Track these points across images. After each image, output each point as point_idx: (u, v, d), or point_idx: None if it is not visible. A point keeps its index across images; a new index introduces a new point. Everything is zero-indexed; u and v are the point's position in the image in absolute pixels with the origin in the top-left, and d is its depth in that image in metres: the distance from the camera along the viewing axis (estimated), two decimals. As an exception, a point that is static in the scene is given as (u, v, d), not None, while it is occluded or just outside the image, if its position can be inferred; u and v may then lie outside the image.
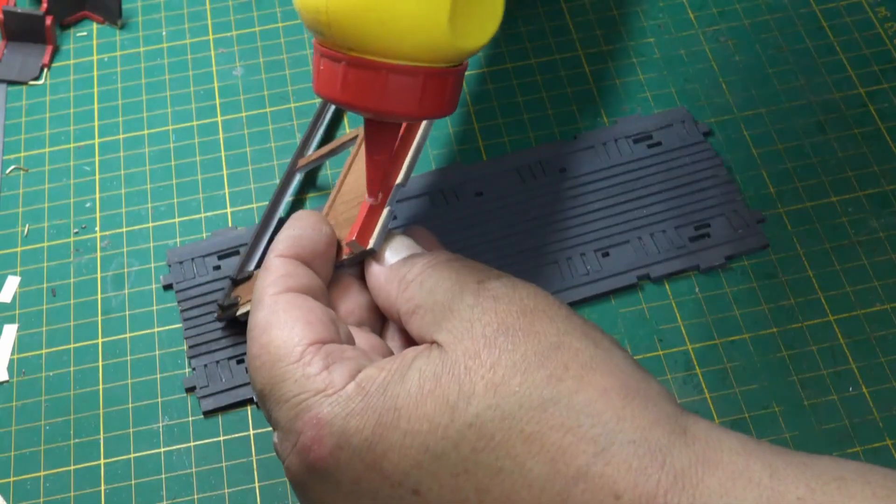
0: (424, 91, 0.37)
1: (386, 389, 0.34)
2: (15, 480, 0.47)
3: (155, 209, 0.54)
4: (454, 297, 0.36)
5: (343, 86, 0.36)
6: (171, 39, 0.61)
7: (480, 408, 0.33)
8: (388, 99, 0.36)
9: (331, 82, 0.37)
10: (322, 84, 0.37)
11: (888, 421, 0.46)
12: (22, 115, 0.58)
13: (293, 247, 0.40)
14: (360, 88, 0.36)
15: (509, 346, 0.34)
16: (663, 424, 0.33)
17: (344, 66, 0.36)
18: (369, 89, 0.36)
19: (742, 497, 0.31)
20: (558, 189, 0.53)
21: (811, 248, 0.51)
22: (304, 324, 0.37)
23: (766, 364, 0.48)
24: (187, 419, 0.48)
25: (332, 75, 0.37)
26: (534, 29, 0.60)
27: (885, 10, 0.59)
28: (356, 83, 0.36)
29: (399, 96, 0.36)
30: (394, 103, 0.37)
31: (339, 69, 0.36)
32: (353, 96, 0.37)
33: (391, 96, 0.36)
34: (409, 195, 0.53)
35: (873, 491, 0.31)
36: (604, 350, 0.35)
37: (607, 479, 0.32)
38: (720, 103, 0.56)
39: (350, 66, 0.36)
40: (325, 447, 0.35)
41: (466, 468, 0.33)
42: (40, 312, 0.51)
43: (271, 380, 0.36)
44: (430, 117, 0.38)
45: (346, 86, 0.36)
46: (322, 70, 0.37)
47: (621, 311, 0.50)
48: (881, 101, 0.56)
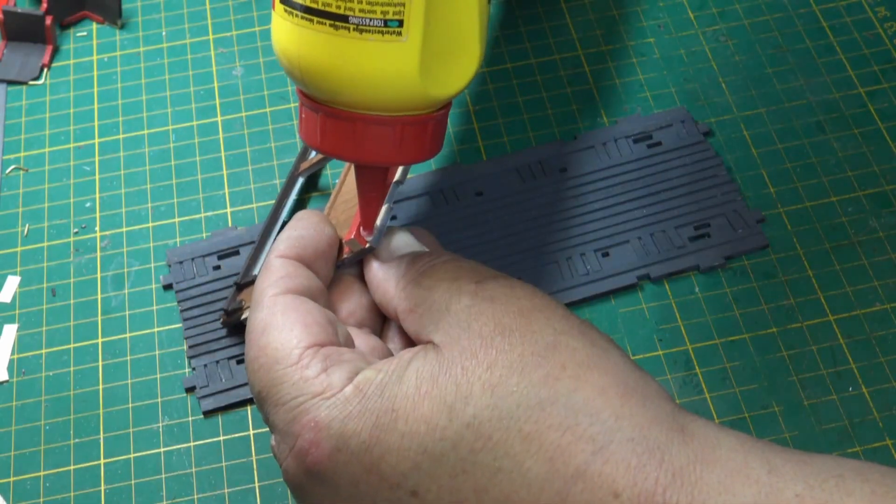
0: (403, 139, 0.36)
1: (383, 391, 0.34)
2: (15, 480, 0.47)
3: (155, 209, 0.54)
4: (451, 298, 0.36)
5: (322, 135, 0.37)
6: (171, 39, 0.61)
7: (478, 408, 0.33)
8: (366, 148, 0.36)
9: (311, 131, 0.37)
10: (304, 132, 0.37)
11: (888, 421, 0.46)
12: (22, 115, 0.58)
13: (294, 247, 0.40)
14: (339, 138, 0.36)
15: (506, 347, 0.34)
16: (661, 422, 0.33)
17: (322, 117, 0.36)
18: (347, 139, 0.36)
19: (740, 494, 0.31)
20: (558, 189, 0.53)
21: (811, 248, 0.51)
22: (302, 326, 0.37)
23: (766, 364, 0.48)
24: (187, 419, 0.48)
25: (312, 124, 0.37)
26: (534, 29, 0.60)
27: (885, 10, 0.59)
28: (334, 133, 0.36)
29: (377, 145, 0.36)
30: (372, 153, 0.36)
31: (317, 119, 0.36)
32: (333, 146, 0.37)
33: (369, 146, 0.36)
34: (409, 195, 0.53)
35: (872, 488, 0.31)
36: (601, 349, 0.35)
37: (606, 477, 0.32)
38: (720, 103, 0.56)
39: (327, 117, 0.36)
40: (323, 450, 0.34)
41: (465, 469, 0.33)
42: (40, 312, 0.51)
43: (269, 382, 0.36)
44: (413, 162, 0.38)
45: (324, 135, 0.37)
46: (303, 118, 0.37)
47: (621, 311, 0.50)
48: (881, 101, 0.56)
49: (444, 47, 0.35)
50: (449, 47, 0.35)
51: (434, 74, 0.35)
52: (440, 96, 0.36)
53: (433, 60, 0.35)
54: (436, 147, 0.38)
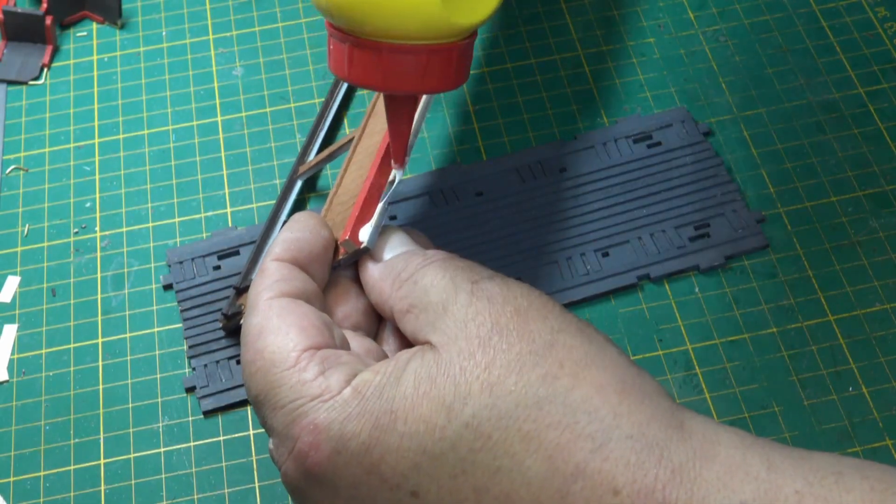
0: (428, 68, 0.37)
1: (382, 393, 0.34)
2: (15, 480, 0.47)
3: (155, 209, 0.54)
4: (448, 298, 0.36)
5: (350, 65, 0.38)
6: (171, 39, 0.61)
7: (477, 408, 0.33)
8: (393, 77, 0.37)
9: (339, 61, 0.38)
10: (332, 63, 0.39)
11: (888, 421, 0.46)
12: (22, 115, 0.58)
13: (290, 250, 0.40)
14: (366, 68, 0.37)
15: (504, 346, 0.34)
16: (660, 419, 0.33)
17: (349, 47, 0.37)
18: (374, 69, 0.37)
19: (740, 490, 0.31)
20: (558, 189, 0.53)
21: (811, 248, 0.51)
22: (298, 329, 0.37)
23: (766, 364, 0.48)
24: (187, 419, 0.48)
25: (340, 55, 0.38)
26: (534, 29, 0.60)
27: (884, 10, 0.59)
28: (361, 63, 0.37)
29: (404, 74, 0.37)
30: (399, 81, 0.38)
31: (345, 49, 0.38)
32: (360, 75, 0.38)
33: (396, 74, 0.37)
34: (408, 195, 0.53)
35: (871, 485, 0.31)
36: (598, 347, 0.35)
37: (605, 474, 0.32)
38: (720, 103, 0.56)
39: (354, 47, 0.37)
40: (323, 452, 0.34)
41: (464, 469, 0.33)
42: (40, 312, 0.51)
43: (266, 386, 0.36)
44: (440, 91, 0.39)
45: (352, 65, 0.38)
46: (332, 49, 0.38)
47: (621, 311, 0.50)
48: (881, 101, 0.56)
49: None
50: None
51: (456, 2, 0.36)
52: (463, 24, 0.37)
53: None
54: (460, 77, 0.39)
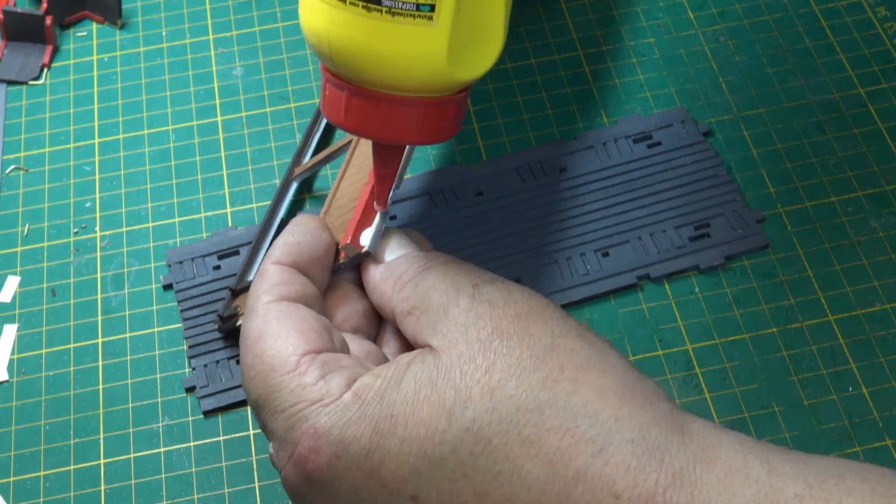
0: (425, 120, 0.37)
1: (382, 397, 0.34)
2: (15, 480, 0.47)
3: (155, 209, 0.54)
4: (449, 301, 0.36)
5: (346, 113, 0.37)
6: (171, 39, 0.61)
7: (477, 412, 0.33)
8: (389, 127, 0.37)
9: (335, 108, 0.38)
10: (327, 108, 0.38)
11: (888, 421, 0.46)
12: (22, 115, 0.58)
13: (290, 254, 0.40)
14: (363, 116, 0.37)
15: (504, 350, 0.34)
16: (661, 423, 0.33)
17: (347, 95, 0.37)
18: (371, 118, 0.37)
19: (740, 494, 0.31)
20: (558, 189, 0.53)
21: (811, 248, 0.51)
22: (297, 333, 0.37)
23: (766, 364, 0.48)
24: (187, 419, 0.48)
25: (337, 101, 0.38)
26: (534, 29, 0.60)
27: (885, 10, 0.59)
28: (358, 111, 0.37)
29: (400, 125, 0.37)
30: (395, 132, 0.37)
31: (342, 97, 0.37)
32: (356, 123, 0.37)
33: (392, 125, 0.37)
34: (408, 195, 0.53)
35: (871, 487, 0.31)
36: (599, 351, 0.35)
37: (606, 479, 0.32)
38: (720, 103, 0.56)
39: (352, 95, 0.37)
40: (323, 457, 0.34)
41: (465, 473, 0.33)
42: (40, 312, 0.51)
43: (266, 390, 0.36)
44: (433, 142, 0.39)
45: (349, 113, 0.37)
46: (328, 95, 0.38)
47: (621, 311, 0.50)
48: (881, 101, 0.56)
49: (472, 32, 0.36)
50: (476, 32, 0.36)
51: (461, 58, 0.36)
52: (465, 79, 0.37)
53: (460, 45, 0.36)
54: (455, 128, 0.39)
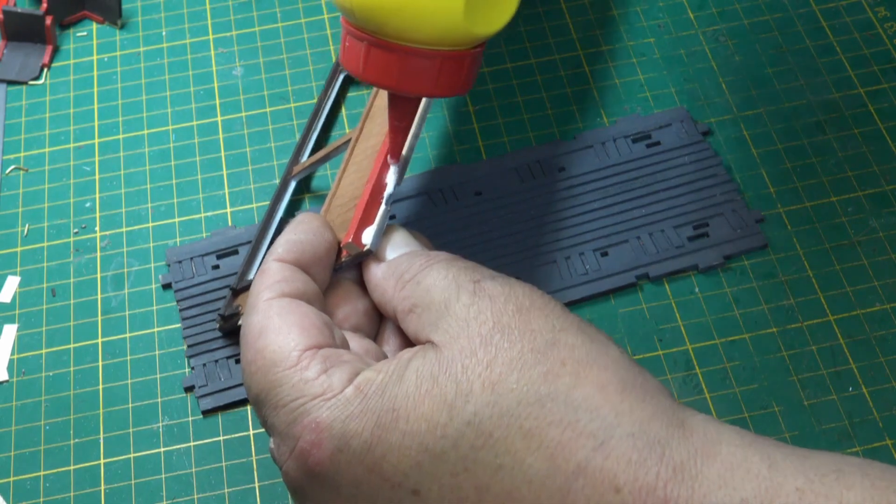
0: (441, 73, 0.39)
1: (384, 391, 0.34)
2: (15, 480, 0.47)
3: (155, 209, 0.54)
4: (450, 297, 0.36)
5: (365, 64, 0.39)
6: (171, 39, 0.61)
7: (478, 406, 0.33)
8: (406, 79, 0.38)
9: (354, 59, 0.39)
10: (347, 60, 0.39)
11: (888, 421, 0.46)
12: (22, 115, 0.58)
13: (292, 251, 0.40)
14: (381, 68, 0.38)
15: (505, 344, 0.34)
16: (661, 417, 0.33)
17: (366, 46, 0.38)
18: (389, 69, 0.38)
19: (741, 488, 0.31)
20: (557, 189, 0.53)
21: (811, 247, 0.51)
22: (299, 329, 0.37)
23: (766, 364, 0.48)
24: (187, 419, 0.48)
25: (356, 53, 0.39)
26: (534, 29, 0.60)
27: (885, 10, 0.59)
28: (377, 63, 0.38)
29: (417, 77, 0.38)
30: (412, 83, 0.39)
31: (361, 48, 0.38)
32: (374, 75, 0.39)
33: (409, 76, 0.38)
34: (408, 195, 0.53)
35: (872, 482, 0.31)
36: (600, 345, 0.35)
37: (607, 472, 0.32)
38: (720, 103, 0.56)
39: (371, 46, 0.38)
40: (325, 451, 0.34)
41: (466, 467, 0.33)
42: (40, 312, 0.51)
43: (267, 385, 0.36)
44: (447, 95, 0.40)
45: (367, 64, 0.39)
46: (347, 46, 0.39)
47: (621, 310, 0.50)
48: (881, 101, 0.56)
49: None
50: None
51: (478, 13, 0.37)
52: (481, 34, 0.38)
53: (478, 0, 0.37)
54: (469, 83, 0.40)
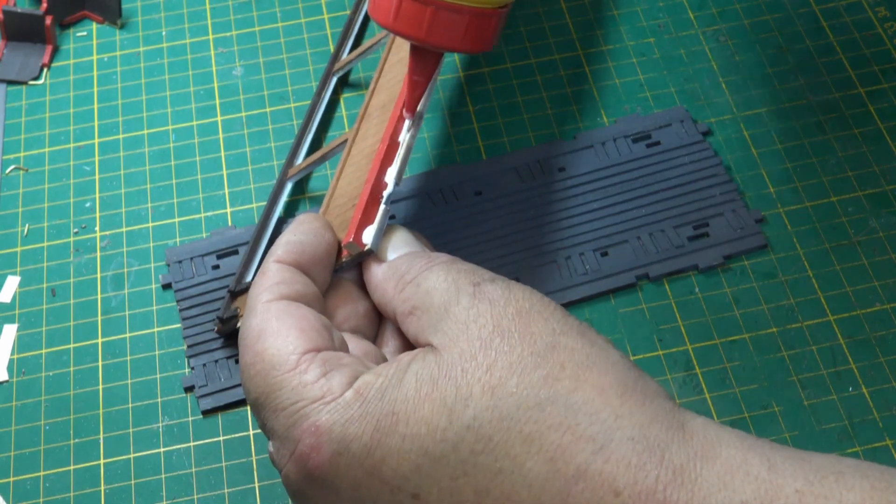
0: (468, 28, 0.40)
1: (384, 395, 0.34)
2: (15, 480, 0.47)
3: (155, 209, 0.54)
4: (450, 300, 0.36)
5: (396, 15, 0.40)
6: (171, 39, 0.61)
7: (478, 409, 0.33)
8: (434, 32, 0.40)
9: (385, 10, 0.41)
10: (377, 11, 0.41)
11: (888, 421, 0.46)
12: (22, 115, 0.58)
13: (292, 253, 0.40)
14: (411, 20, 0.40)
15: (505, 348, 0.34)
16: (661, 421, 0.33)
17: None
18: (419, 21, 0.40)
19: (740, 490, 0.31)
20: (557, 188, 0.53)
21: (811, 247, 0.51)
22: (298, 332, 0.37)
23: (766, 364, 0.48)
24: (187, 419, 0.48)
25: (387, 4, 0.40)
26: (534, 29, 0.60)
27: (885, 10, 0.59)
28: (408, 14, 0.40)
29: (445, 31, 0.40)
30: (439, 36, 0.41)
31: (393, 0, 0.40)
32: (404, 26, 0.41)
33: (438, 30, 0.40)
34: (408, 195, 0.53)
35: (871, 483, 0.31)
36: (599, 349, 0.35)
37: (607, 476, 0.32)
38: (720, 103, 0.56)
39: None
40: (324, 454, 0.34)
41: (465, 470, 0.33)
42: (40, 312, 0.51)
43: (266, 388, 0.36)
44: (471, 52, 0.42)
45: (398, 15, 0.40)
46: None
47: (620, 310, 0.50)
48: (881, 101, 0.56)
49: None
50: None
51: None
52: None
53: None
54: (493, 41, 0.42)
